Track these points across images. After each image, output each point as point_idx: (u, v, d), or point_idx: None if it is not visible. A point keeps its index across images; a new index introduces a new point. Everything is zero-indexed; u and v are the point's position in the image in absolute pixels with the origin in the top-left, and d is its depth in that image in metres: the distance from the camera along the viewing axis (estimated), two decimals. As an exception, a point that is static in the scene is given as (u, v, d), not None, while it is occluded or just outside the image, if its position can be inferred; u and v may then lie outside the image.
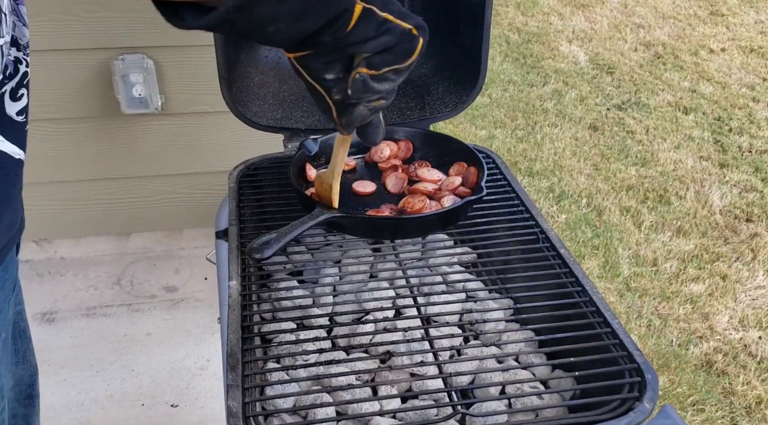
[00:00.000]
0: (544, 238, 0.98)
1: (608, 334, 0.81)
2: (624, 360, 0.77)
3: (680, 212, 3.02)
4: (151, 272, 2.28)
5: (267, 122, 1.20)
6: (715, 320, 2.42)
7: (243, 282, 0.90)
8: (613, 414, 0.71)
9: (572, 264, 0.92)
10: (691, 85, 4.20)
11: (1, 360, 0.89)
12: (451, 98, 1.24)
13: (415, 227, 0.98)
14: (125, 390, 1.85)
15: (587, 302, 0.86)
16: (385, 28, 0.69)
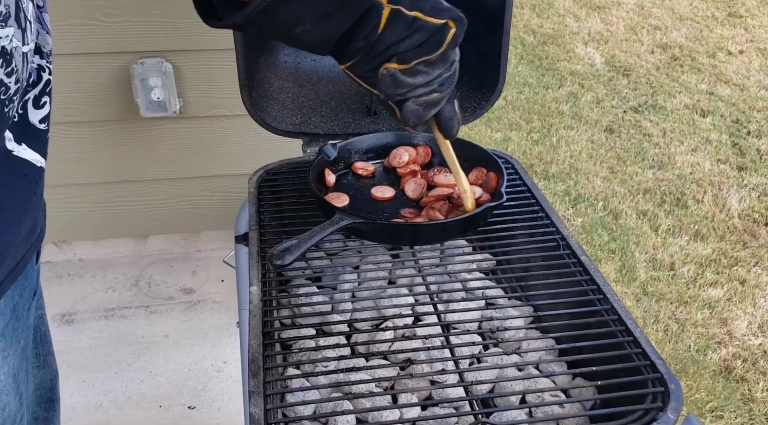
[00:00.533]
0: (564, 245, 0.97)
1: (630, 343, 0.80)
2: (647, 369, 0.77)
3: (698, 216, 2.99)
4: (168, 274, 2.30)
5: (286, 127, 1.20)
6: (734, 325, 2.39)
7: (264, 288, 0.91)
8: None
9: (593, 271, 0.92)
10: (709, 88, 4.16)
11: (20, 366, 0.90)
12: (469, 103, 1.24)
13: (434, 233, 0.98)
14: (143, 391, 1.86)
15: (609, 310, 0.85)
16: (416, 26, 0.70)
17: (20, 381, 0.90)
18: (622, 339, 0.81)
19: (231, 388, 1.88)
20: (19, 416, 0.88)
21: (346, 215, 0.92)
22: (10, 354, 0.85)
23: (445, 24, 0.72)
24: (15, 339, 0.87)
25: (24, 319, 0.92)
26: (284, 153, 1.54)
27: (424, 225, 0.96)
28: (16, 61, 0.74)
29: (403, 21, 0.69)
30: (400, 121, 0.79)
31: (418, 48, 0.72)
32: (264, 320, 0.85)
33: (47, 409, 1.14)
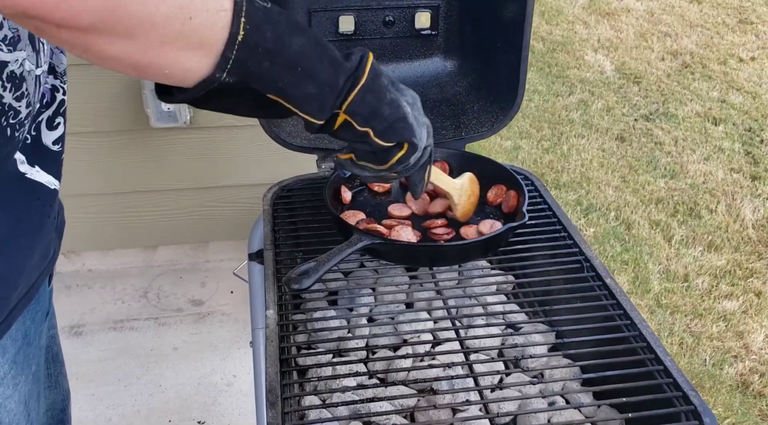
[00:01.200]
0: (588, 267, 0.95)
1: (661, 372, 0.78)
2: (679, 401, 0.74)
3: (711, 226, 2.95)
4: (177, 285, 2.28)
5: (300, 143, 1.18)
6: (750, 339, 2.35)
7: (280, 312, 0.88)
8: (669, 461, 0.68)
9: (619, 295, 0.89)
10: (721, 95, 4.13)
11: (31, 392, 0.88)
12: (487, 117, 1.22)
13: (455, 254, 0.95)
14: (152, 405, 1.84)
15: (637, 337, 0.83)
16: (364, 138, 0.72)
17: (31, 409, 0.88)
18: (651, 368, 0.79)
19: (241, 403, 1.86)
20: None
21: (364, 236, 0.90)
22: (21, 382, 0.83)
23: (394, 146, 0.74)
24: (26, 365, 0.85)
25: (36, 343, 0.90)
26: (295, 164, 1.52)
27: (444, 246, 0.94)
28: (27, 84, 0.72)
29: (353, 131, 0.71)
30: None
31: (368, 154, 0.76)
32: (281, 346, 0.82)
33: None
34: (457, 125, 1.23)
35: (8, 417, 0.79)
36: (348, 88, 0.68)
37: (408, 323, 0.94)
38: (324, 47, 0.66)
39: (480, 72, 1.28)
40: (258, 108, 0.66)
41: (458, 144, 1.23)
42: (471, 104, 1.25)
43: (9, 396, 0.79)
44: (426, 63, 1.32)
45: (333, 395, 0.82)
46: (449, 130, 1.23)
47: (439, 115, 1.25)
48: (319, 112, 0.67)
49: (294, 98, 0.64)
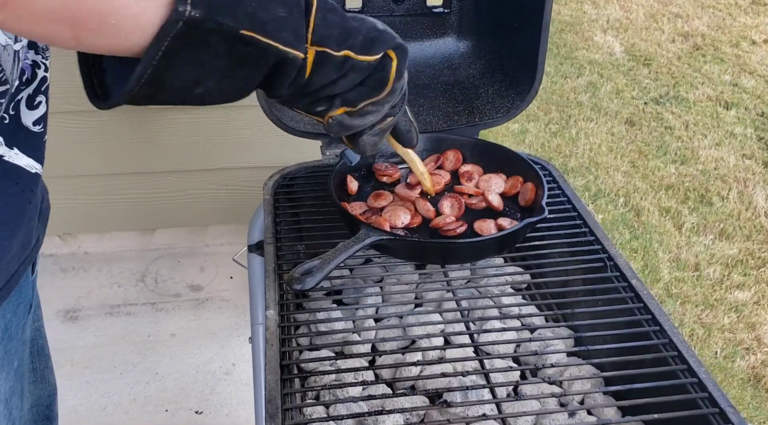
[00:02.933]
0: (612, 266, 0.88)
1: (694, 385, 0.72)
2: (715, 418, 0.68)
3: (723, 214, 2.89)
4: (175, 269, 2.22)
5: (304, 127, 1.11)
6: (762, 330, 2.30)
7: (281, 312, 0.82)
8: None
9: (646, 297, 0.82)
10: (733, 79, 4.03)
11: (13, 389, 0.83)
12: (502, 103, 1.14)
13: (469, 252, 0.89)
14: (149, 394, 1.79)
15: (667, 345, 0.76)
16: (348, 66, 0.61)
17: (13, 407, 0.83)
18: (684, 380, 0.72)
19: (240, 392, 1.81)
20: None
21: (372, 231, 0.83)
22: (2, 379, 0.79)
23: (384, 57, 0.63)
24: (8, 360, 0.80)
25: (18, 337, 0.84)
26: (297, 148, 1.45)
27: (457, 243, 0.87)
28: (2, 60, 0.65)
29: (332, 63, 0.60)
30: (353, 150, 0.72)
31: (360, 88, 0.64)
32: (282, 350, 0.76)
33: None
34: (471, 110, 1.16)
35: None
36: (305, 7, 0.58)
37: (418, 325, 0.88)
38: None
39: (495, 53, 1.21)
40: (230, 62, 0.55)
41: (471, 130, 1.16)
42: (485, 88, 1.18)
43: None
44: (438, 43, 1.24)
45: (338, 405, 0.76)
46: (462, 116, 1.16)
47: (451, 99, 1.17)
48: (296, 39, 0.56)
49: (268, 26, 0.54)
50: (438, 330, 0.89)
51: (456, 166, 1.06)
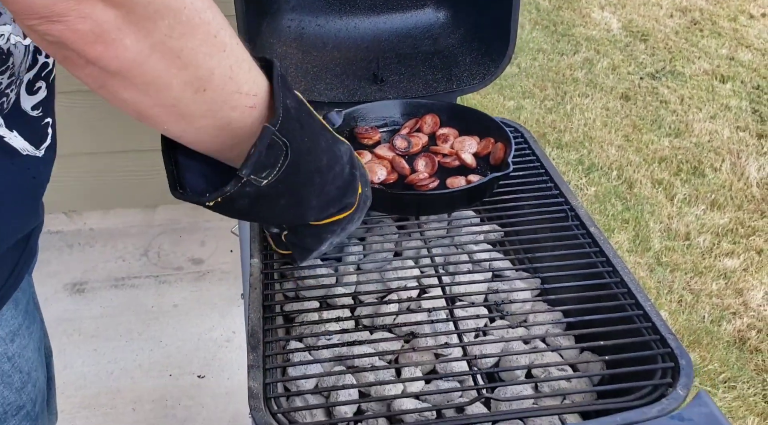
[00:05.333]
0: (573, 216, 0.95)
1: (640, 317, 0.78)
2: (657, 344, 0.75)
3: (715, 185, 2.93)
4: (177, 244, 2.30)
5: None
6: (750, 296, 2.36)
7: (265, 260, 0.89)
8: (644, 401, 0.69)
9: (603, 243, 0.89)
10: (729, 53, 4.05)
11: (41, 340, 0.91)
12: (479, 70, 1.20)
13: (439, 203, 0.95)
14: (153, 360, 1.87)
15: (618, 283, 0.83)
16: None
17: (43, 355, 0.92)
18: (631, 312, 0.79)
19: (240, 358, 1.88)
20: (44, 389, 0.90)
21: None
22: (35, 330, 0.86)
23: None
24: (34, 314, 0.88)
25: (30, 291, 0.92)
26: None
27: (426, 194, 0.94)
28: (14, 57, 0.70)
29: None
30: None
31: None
32: (265, 293, 0.83)
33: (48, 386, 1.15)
34: (449, 77, 1.22)
35: (27, 365, 0.82)
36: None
37: (394, 271, 0.94)
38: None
39: (472, 23, 1.26)
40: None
41: (449, 96, 1.22)
42: (463, 56, 1.23)
43: (25, 345, 0.82)
44: (418, 14, 1.30)
45: (317, 340, 0.83)
46: (441, 83, 1.22)
47: (431, 68, 1.23)
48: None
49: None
50: (414, 281, 0.96)
51: (434, 129, 1.12)
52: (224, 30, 0.53)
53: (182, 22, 0.49)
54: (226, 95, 0.55)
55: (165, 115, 0.55)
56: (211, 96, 0.54)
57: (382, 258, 0.99)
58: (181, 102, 0.53)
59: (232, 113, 0.56)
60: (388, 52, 1.26)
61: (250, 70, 0.57)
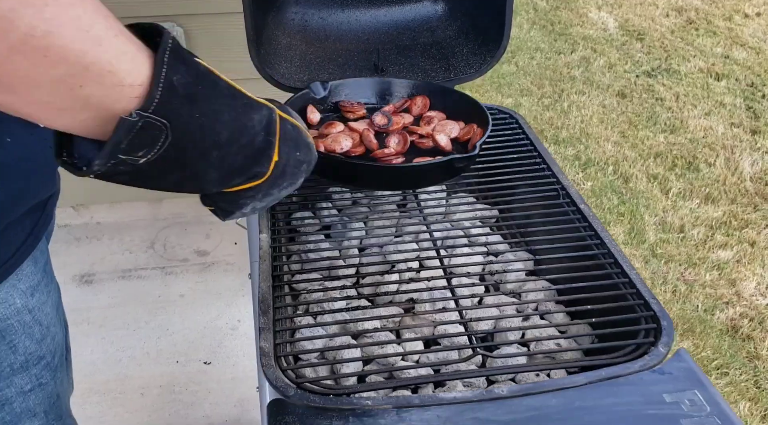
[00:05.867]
0: (564, 194, 1.00)
1: (625, 284, 0.83)
2: (640, 308, 0.80)
3: (709, 179, 2.99)
4: (182, 237, 2.35)
5: (294, 83, 1.22)
6: (742, 286, 2.41)
7: (273, 236, 0.94)
8: (628, 358, 0.74)
9: (591, 218, 0.94)
10: (724, 51, 4.11)
11: (59, 300, 0.97)
12: (475, 59, 1.25)
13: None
14: (160, 348, 1.93)
15: (605, 254, 0.88)
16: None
17: (62, 313, 0.99)
18: (617, 280, 0.84)
19: (245, 345, 1.94)
20: (63, 344, 0.97)
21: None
22: (53, 289, 0.93)
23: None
24: (53, 277, 0.94)
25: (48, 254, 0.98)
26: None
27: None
28: None
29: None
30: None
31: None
32: (273, 265, 0.88)
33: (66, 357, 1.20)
34: (447, 67, 1.27)
35: (46, 320, 0.89)
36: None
37: (395, 245, 1.00)
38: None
39: (469, 15, 1.32)
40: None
41: (448, 85, 1.27)
42: (460, 47, 1.28)
43: (44, 301, 0.88)
44: (417, 6, 1.35)
45: (325, 315, 0.88)
46: (439, 73, 1.27)
47: (430, 58, 1.28)
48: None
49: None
50: (414, 256, 1.01)
51: (422, 112, 1.14)
52: (99, 23, 0.50)
53: (46, 20, 0.46)
54: (107, 90, 0.52)
55: (43, 112, 0.52)
56: (90, 91, 0.51)
57: (383, 235, 1.04)
58: (57, 99, 0.50)
59: (116, 105, 0.53)
60: (387, 43, 1.31)
61: (133, 59, 0.53)
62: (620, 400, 0.69)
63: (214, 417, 1.73)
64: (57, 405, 0.95)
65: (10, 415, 0.87)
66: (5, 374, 0.85)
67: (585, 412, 0.68)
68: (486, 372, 0.75)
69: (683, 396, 0.69)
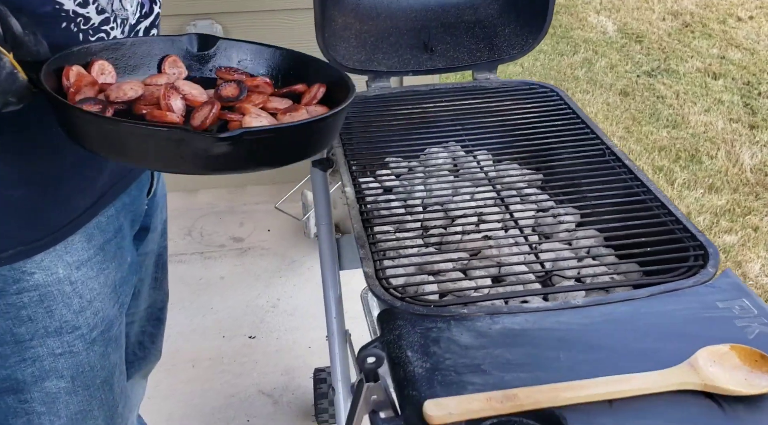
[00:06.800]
0: (609, 153, 1.12)
1: (672, 221, 0.95)
2: (687, 239, 0.92)
3: (712, 170, 3.13)
4: (218, 225, 2.46)
5: (353, 65, 1.34)
6: (748, 268, 2.54)
7: (355, 189, 1.06)
8: (682, 277, 0.86)
9: (637, 171, 1.06)
10: (720, 52, 4.28)
11: (125, 280, 0.98)
12: (517, 40, 1.38)
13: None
14: (206, 325, 2.03)
15: (652, 199, 1.00)
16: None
17: (122, 293, 0.98)
18: (665, 218, 0.96)
19: (286, 321, 2.05)
20: (117, 323, 0.98)
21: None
22: (111, 269, 0.94)
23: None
24: (120, 255, 0.96)
25: (129, 238, 1.00)
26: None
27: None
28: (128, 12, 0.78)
29: None
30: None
31: None
32: (361, 210, 1.00)
33: (155, 326, 1.28)
34: (491, 47, 1.40)
35: (90, 294, 0.91)
36: None
37: (455, 209, 1.11)
38: None
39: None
40: None
41: (491, 65, 1.40)
42: (503, 27, 1.40)
43: (92, 277, 0.91)
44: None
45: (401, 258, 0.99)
46: (483, 52, 1.39)
47: (474, 38, 1.40)
48: None
49: None
50: (472, 212, 1.13)
51: (309, 103, 0.84)
52: None
53: None
54: None
55: None
56: None
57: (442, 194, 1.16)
58: None
59: None
60: (434, 21, 1.40)
61: None
62: (680, 307, 0.81)
63: (263, 385, 1.84)
64: (87, 375, 0.95)
65: (39, 371, 0.90)
66: (39, 334, 0.88)
67: (651, 316, 0.80)
68: (556, 290, 0.87)
69: (733, 303, 0.81)
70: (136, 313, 1.19)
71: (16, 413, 0.91)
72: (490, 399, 0.68)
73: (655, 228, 0.95)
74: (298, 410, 1.77)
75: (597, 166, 1.11)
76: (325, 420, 1.69)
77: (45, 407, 0.92)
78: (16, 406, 0.91)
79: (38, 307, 0.86)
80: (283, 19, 2.12)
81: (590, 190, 1.09)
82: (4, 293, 0.83)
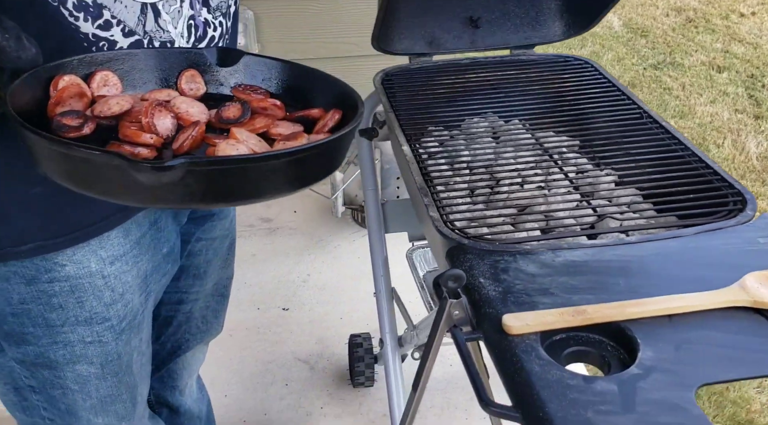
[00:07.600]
0: (646, 116, 1.20)
1: (710, 173, 1.03)
2: (725, 188, 1.00)
3: (719, 158, 3.22)
4: (245, 207, 2.54)
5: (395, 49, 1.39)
6: (757, 248, 2.63)
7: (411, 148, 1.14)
8: (723, 218, 0.94)
9: (674, 131, 1.14)
10: (724, 46, 4.38)
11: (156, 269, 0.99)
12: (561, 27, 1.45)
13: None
14: (241, 298, 2.11)
15: (690, 155, 1.08)
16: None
17: (151, 282, 1.00)
18: (703, 171, 1.04)
19: (317, 294, 2.12)
20: (141, 310, 0.99)
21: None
22: (144, 260, 0.96)
23: None
24: (153, 246, 0.98)
25: (169, 229, 1.01)
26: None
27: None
28: (114, 11, 0.72)
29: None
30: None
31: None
32: (420, 166, 1.08)
33: (218, 302, 1.37)
34: (535, 25, 1.47)
35: (122, 288, 0.93)
36: None
37: (500, 171, 1.18)
38: None
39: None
40: None
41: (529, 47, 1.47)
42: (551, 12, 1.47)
43: (127, 271, 0.93)
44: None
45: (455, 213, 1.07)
46: (528, 30, 1.47)
47: (519, 15, 1.47)
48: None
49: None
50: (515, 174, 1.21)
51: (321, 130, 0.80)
52: None
53: None
54: None
55: None
56: None
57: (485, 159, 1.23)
58: None
59: None
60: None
61: None
62: (725, 242, 0.89)
63: (298, 353, 1.92)
64: (116, 363, 0.97)
65: (70, 354, 0.93)
66: (70, 322, 0.91)
67: (698, 250, 0.88)
68: (605, 231, 0.95)
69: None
70: (201, 291, 1.27)
71: (53, 385, 0.96)
72: (562, 313, 0.76)
73: (694, 179, 1.03)
74: (334, 375, 1.85)
75: (634, 129, 1.19)
76: (361, 382, 1.77)
77: (78, 386, 0.97)
78: (52, 379, 0.96)
79: (69, 297, 0.88)
80: (314, 5, 2.20)
81: (628, 150, 1.17)
82: (36, 280, 0.86)
